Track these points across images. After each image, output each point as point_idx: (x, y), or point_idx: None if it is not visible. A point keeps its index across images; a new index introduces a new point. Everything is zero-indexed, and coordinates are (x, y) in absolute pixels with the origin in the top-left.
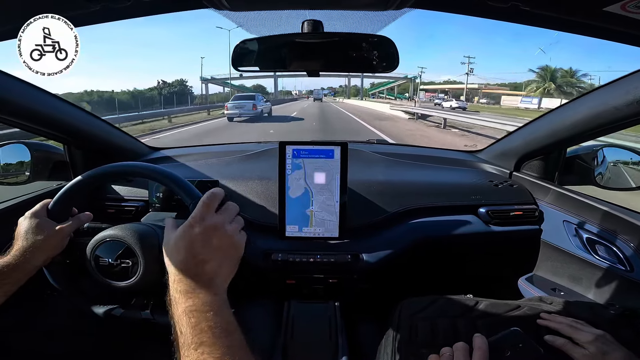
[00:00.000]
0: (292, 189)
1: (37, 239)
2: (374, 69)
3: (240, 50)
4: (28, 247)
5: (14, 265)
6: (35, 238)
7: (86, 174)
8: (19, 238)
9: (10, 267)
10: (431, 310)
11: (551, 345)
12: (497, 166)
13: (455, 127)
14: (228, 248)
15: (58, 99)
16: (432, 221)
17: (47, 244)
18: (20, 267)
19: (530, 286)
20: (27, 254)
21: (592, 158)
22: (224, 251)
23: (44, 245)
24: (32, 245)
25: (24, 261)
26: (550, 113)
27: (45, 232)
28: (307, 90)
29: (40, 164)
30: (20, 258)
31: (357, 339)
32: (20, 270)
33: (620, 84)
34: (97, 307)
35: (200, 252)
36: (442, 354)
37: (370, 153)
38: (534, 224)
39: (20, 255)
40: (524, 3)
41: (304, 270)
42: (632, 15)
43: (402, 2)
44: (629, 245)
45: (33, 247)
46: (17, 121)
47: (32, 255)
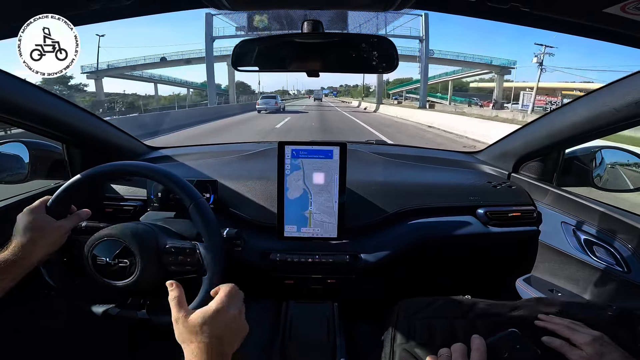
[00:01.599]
0: (290, 190)
1: (35, 235)
2: (373, 69)
3: (240, 50)
4: (26, 242)
5: (11, 261)
6: (34, 234)
7: (85, 172)
8: (17, 234)
9: (8, 263)
10: (429, 311)
11: (549, 347)
12: (495, 167)
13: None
14: (240, 331)
15: (56, 97)
16: (430, 222)
17: (45, 240)
18: (18, 263)
19: (527, 287)
20: (25, 250)
21: (590, 159)
22: (237, 333)
23: (42, 241)
24: (30, 240)
25: (21, 257)
26: (549, 114)
27: (43, 229)
28: (307, 90)
29: (39, 163)
30: (18, 254)
31: (355, 340)
32: (18, 265)
33: (619, 85)
34: (93, 306)
35: (222, 335)
36: (440, 355)
37: (369, 154)
38: (532, 225)
39: (18, 250)
40: (523, 4)
41: (302, 270)
42: (632, 17)
43: (402, 3)
44: (627, 246)
45: (31, 242)
46: (15, 120)
47: (30, 251)
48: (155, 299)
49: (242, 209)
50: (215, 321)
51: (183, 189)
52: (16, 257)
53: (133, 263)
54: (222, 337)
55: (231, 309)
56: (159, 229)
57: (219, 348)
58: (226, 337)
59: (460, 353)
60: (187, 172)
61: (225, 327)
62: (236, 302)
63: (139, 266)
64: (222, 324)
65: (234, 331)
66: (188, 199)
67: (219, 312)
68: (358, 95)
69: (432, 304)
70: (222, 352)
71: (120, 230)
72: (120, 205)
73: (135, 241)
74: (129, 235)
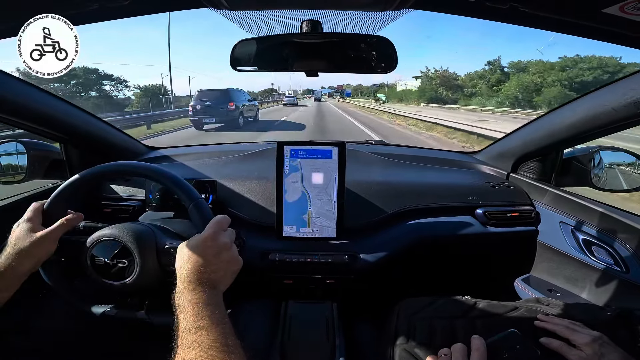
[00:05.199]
0: (288, 193)
1: (24, 245)
2: (372, 69)
3: (238, 50)
4: (15, 253)
5: (3, 272)
6: (22, 244)
7: (83, 173)
8: (9, 245)
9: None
10: (429, 311)
11: (548, 347)
12: (494, 167)
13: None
14: (232, 263)
15: (54, 97)
16: (429, 222)
17: (35, 249)
18: (7, 274)
19: (526, 287)
20: (13, 261)
21: (588, 160)
22: (229, 264)
23: (32, 250)
24: (18, 252)
25: (11, 267)
26: (548, 114)
27: (30, 238)
28: (305, 89)
29: (37, 163)
30: (5, 265)
31: (355, 340)
32: (7, 277)
33: (618, 85)
34: (92, 306)
35: (211, 262)
36: (440, 355)
37: (368, 154)
38: (530, 225)
39: (6, 261)
40: (522, 4)
41: (301, 270)
42: (630, 17)
43: (401, 3)
44: (625, 246)
45: (19, 253)
46: (13, 119)
47: (19, 262)
48: (154, 299)
49: (241, 209)
50: (206, 247)
51: (182, 189)
52: (5, 268)
53: (132, 263)
54: (212, 264)
55: (222, 237)
56: (158, 229)
57: (209, 275)
58: (216, 265)
59: (461, 353)
60: (186, 172)
61: (217, 255)
62: (228, 232)
63: (138, 266)
64: (214, 250)
65: (225, 261)
66: (187, 199)
67: (209, 238)
68: (397, 96)
69: (432, 304)
70: (211, 280)
71: (119, 230)
72: (119, 206)
73: (134, 241)
74: (127, 235)
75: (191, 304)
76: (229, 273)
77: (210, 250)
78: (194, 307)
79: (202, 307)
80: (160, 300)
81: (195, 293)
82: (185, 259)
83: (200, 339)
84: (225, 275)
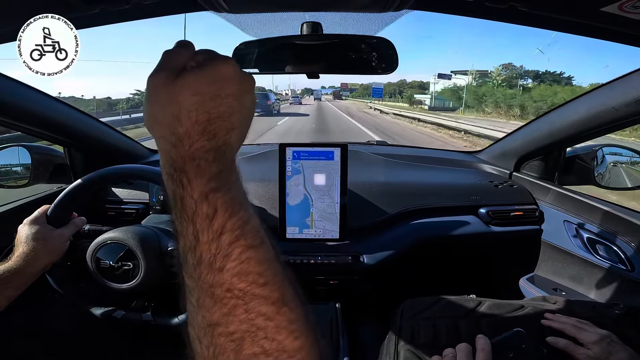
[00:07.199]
0: (291, 196)
1: (36, 245)
2: (373, 70)
3: (239, 52)
4: (29, 252)
5: (15, 270)
6: (35, 244)
7: (87, 176)
8: (20, 244)
9: (12, 273)
10: (433, 310)
11: (555, 346)
12: (497, 167)
13: None
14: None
15: (58, 102)
16: (432, 222)
17: (47, 249)
18: (21, 272)
19: (531, 286)
20: (28, 260)
21: (591, 158)
22: (242, 105)
23: (45, 250)
24: (32, 250)
25: (25, 266)
26: (549, 113)
27: (44, 239)
28: (304, 89)
29: (41, 167)
30: (21, 263)
31: (359, 340)
32: (21, 275)
33: (618, 84)
34: (98, 309)
35: (212, 108)
36: (444, 355)
37: (370, 154)
38: (534, 224)
39: (22, 260)
40: (521, 4)
41: (304, 271)
42: (629, 15)
43: (401, 4)
44: (630, 244)
45: (34, 252)
46: (17, 124)
47: (33, 261)
48: (159, 301)
49: None
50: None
51: None
52: (19, 267)
53: (136, 266)
54: (213, 112)
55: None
56: (162, 231)
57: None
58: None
59: (465, 353)
60: None
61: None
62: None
63: (142, 269)
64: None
65: (237, 96)
66: None
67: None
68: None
69: (436, 303)
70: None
71: (123, 233)
72: (122, 209)
73: (138, 244)
74: (131, 238)
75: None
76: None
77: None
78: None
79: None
80: (165, 302)
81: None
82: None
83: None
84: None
